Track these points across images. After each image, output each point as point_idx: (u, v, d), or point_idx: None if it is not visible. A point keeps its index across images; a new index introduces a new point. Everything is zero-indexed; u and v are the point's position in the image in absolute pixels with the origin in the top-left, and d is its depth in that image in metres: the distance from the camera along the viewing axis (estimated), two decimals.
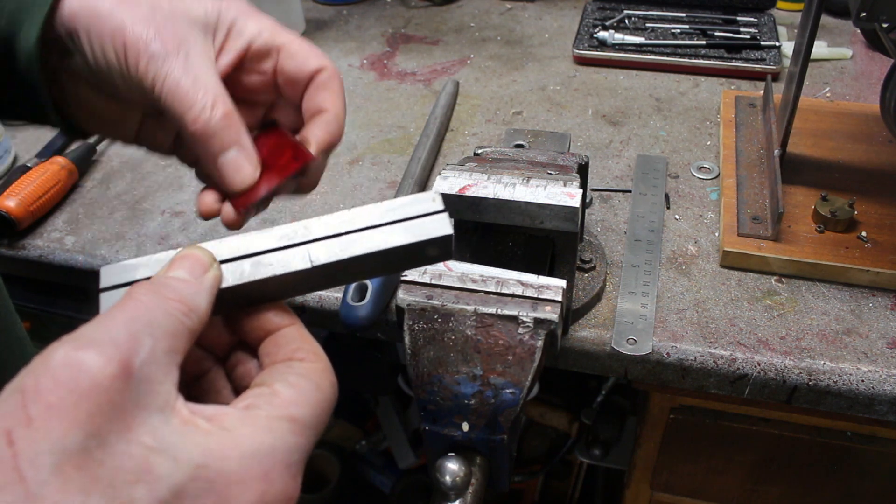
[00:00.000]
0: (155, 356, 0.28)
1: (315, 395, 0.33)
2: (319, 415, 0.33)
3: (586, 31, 1.01)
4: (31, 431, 0.25)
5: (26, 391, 0.25)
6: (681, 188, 0.77)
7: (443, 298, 0.51)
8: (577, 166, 0.60)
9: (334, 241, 0.37)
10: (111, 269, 0.36)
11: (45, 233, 0.75)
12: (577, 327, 0.63)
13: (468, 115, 0.90)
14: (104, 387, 0.26)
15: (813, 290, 0.66)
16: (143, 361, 0.28)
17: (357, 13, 1.14)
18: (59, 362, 0.26)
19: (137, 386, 0.27)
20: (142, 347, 0.28)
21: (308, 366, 0.34)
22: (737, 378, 0.61)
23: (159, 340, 0.29)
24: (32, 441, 0.24)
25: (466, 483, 0.50)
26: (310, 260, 0.36)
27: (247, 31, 0.44)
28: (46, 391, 0.25)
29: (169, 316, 0.30)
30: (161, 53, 0.40)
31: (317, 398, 0.33)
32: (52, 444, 0.25)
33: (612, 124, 0.87)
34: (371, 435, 1.39)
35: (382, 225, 0.38)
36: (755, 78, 0.93)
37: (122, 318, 0.29)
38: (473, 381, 0.50)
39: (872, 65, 0.96)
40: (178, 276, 0.33)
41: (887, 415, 0.60)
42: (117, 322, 0.28)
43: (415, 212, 0.38)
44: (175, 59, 0.40)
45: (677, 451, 0.76)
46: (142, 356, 0.28)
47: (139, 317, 0.29)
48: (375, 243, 0.37)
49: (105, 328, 0.28)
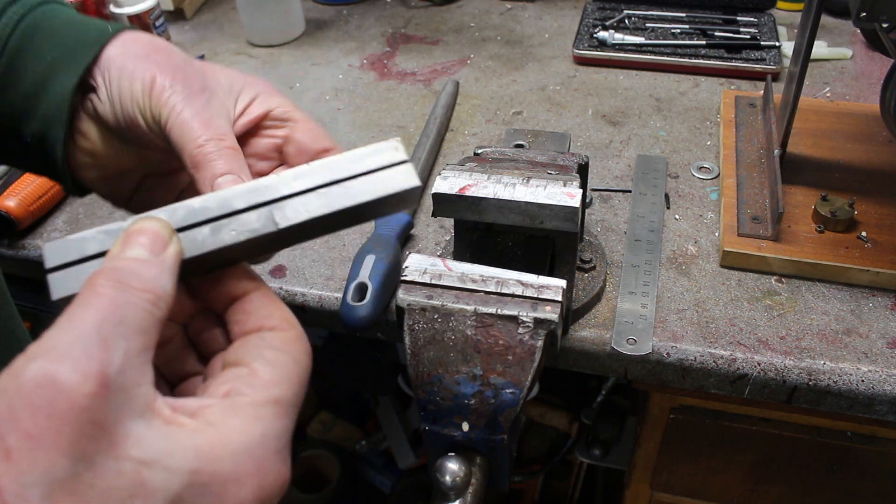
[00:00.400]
0: (129, 360, 0.27)
1: (294, 368, 0.32)
2: (299, 390, 0.32)
3: (586, 31, 1.01)
4: (12, 465, 0.23)
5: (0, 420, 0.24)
6: (681, 188, 0.77)
7: (443, 298, 0.51)
8: (577, 166, 0.60)
9: (298, 199, 0.35)
10: (56, 246, 0.33)
11: (45, 233, 0.75)
12: (577, 327, 0.63)
13: (468, 115, 0.90)
14: (83, 406, 0.25)
15: (813, 290, 0.66)
16: (118, 369, 0.26)
17: (357, 13, 1.14)
18: (32, 383, 0.24)
19: (116, 396, 0.26)
20: (116, 353, 0.26)
21: (282, 335, 0.33)
22: (737, 378, 0.61)
23: (132, 340, 0.27)
24: (17, 475, 0.23)
25: (466, 483, 0.50)
26: (274, 222, 0.34)
27: (269, 102, 0.46)
28: (24, 419, 0.24)
29: (138, 310, 0.28)
30: (184, 92, 0.42)
31: (296, 372, 0.32)
32: (37, 476, 0.23)
33: (612, 124, 0.87)
34: (371, 435, 1.39)
35: (347, 179, 0.36)
36: (755, 78, 0.93)
37: (91, 321, 0.27)
38: (473, 381, 0.50)
39: (872, 65, 0.96)
40: (137, 255, 0.30)
41: (887, 415, 0.60)
42: (86, 326, 0.26)
43: (379, 163, 0.36)
44: (195, 100, 0.42)
45: (677, 451, 0.76)
46: (116, 364, 0.26)
47: (108, 317, 0.27)
48: (342, 201, 0.35)
49: (74, 335, 0.26)
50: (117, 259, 0.30)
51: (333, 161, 0.36)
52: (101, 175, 0.48)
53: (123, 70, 0.44)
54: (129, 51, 0.45)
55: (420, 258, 0.54)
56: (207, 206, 0.34)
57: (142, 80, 0.43)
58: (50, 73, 0.45)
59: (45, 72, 0.45)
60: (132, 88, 0.43)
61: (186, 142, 0.41)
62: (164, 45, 0.46)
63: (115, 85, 0.44)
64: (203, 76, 0.44)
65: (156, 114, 0.42)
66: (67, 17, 0.47)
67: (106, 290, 0.28)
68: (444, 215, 0.56)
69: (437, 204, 0.55)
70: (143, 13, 1.00)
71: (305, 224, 0.35)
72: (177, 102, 0.42)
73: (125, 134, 0.46)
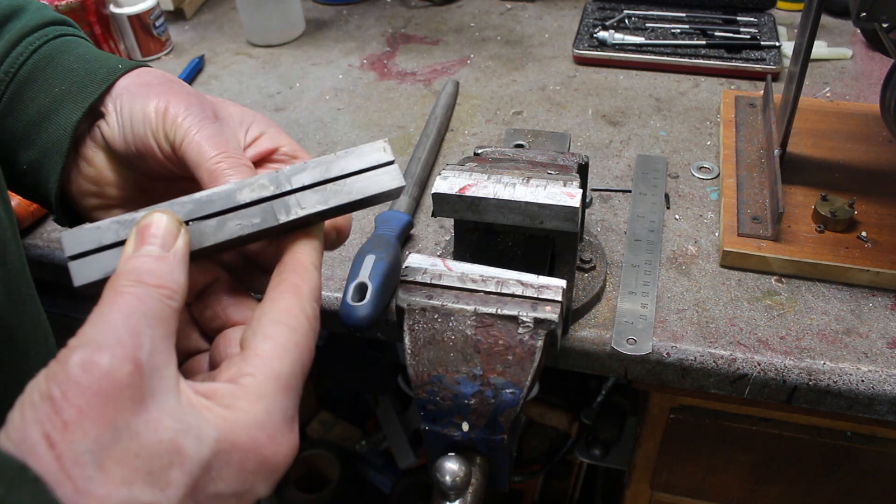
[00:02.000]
0: (156, 345, 0.30)
1: (291, 337, 0.34)
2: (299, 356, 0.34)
3: (586, 31, 1.01)
4: (68, 434, 0.27)
5: (55, 398, 0.28)
6: (681, 188, 0.77)
7: (443, 298, 0.51)
8: (577, 166, 0.60)
9: (296, 196, 0.39)
10: (74, 235, 0.36)
11: (45, 233, 0.75)
12: (577, 327, 0.63)
13: (468, 115, 0.90)
14: (124, 384, 0.28)
15: (813, 290, 0.66)
16: (148, 353, 0.30)
17: (357, 13, 1.14)
18: (78, 369, 0.28)
19: (149, 376, 0.29)
20: (144, 340, 0.30)
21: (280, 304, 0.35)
22: (737, 378, 0.61)
23: (156, 329, 0.31)
24: (71, 443, 0.27)
25: (466, 483, 0.50)
26: (275, 217, 0.38)
27: (278, 140, 0.48)
28: (74, 397, 0.27)
29: (158, 303, 0.32)
30: (198, 116, 0.44)
31: (294, 341, 0.34)
32: (89, 444, 0.27)
33: (612, 124, 0.87)
34: (371, 435, 1.39)
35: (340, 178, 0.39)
36: (755, 78, 0.93)
37: (120, 315, 0.30)
38: (473, 381, 0.50)
39: (872, 65, 0.96)
40: (151, 252, 0.33)
41: (887, 415, 0.60)
42: (117, 320, 0.30)
43: (369, 163, 0.40)
44: (208, 125, 0.44)
45: (677, 451, 0.76)
46: (146, 348, 0.30)
47: (134, 311, 0.31)
48: (337, 199, 0.39)
49: (108, 329, 0.30)
50: (134, 258, 0.33)
51: (327, 160, 0.40)
52: (103, 204, 0.49)
53: (136, 96, 0.46)
54: (143, 80, 0.47)
55: (420, 258, 0.54)
56: (213, 200, 0.38)
57: (155, 104, 0.45)
58: (55, 106, 0.47)
59: (50, 104, 0.47)
60: (145, 112, 0.45)
61: (202, 160, 0.43)
62: (175, 78, 0.48)
63: (126, 110, 0.46)
64: (214, 106, 0.46)
65: (170, 136, 0.44)
66: (82, 52, 0.49)
67: (128, 289, 0.31)
68: (444, 215, 0.56)
69: (437, 204, 0.55)
70: (143, 13, 1.00)
71: (303, 218, 0.38)
72: (191, 125, 0.44)
73: (132, 159, 0.47)
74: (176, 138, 0.44)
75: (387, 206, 0.74)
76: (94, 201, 0.49)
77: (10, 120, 0.48)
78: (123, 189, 0.49)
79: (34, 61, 0.48)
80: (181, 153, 0.44)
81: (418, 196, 0.76)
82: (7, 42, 0.48)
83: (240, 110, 0.48)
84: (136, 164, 0.47)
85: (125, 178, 0.48)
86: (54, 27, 0.50)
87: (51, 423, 0.27)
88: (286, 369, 0.33)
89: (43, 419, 0.27)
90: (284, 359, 0.34)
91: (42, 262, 0.73)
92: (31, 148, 0.47)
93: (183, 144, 0.44)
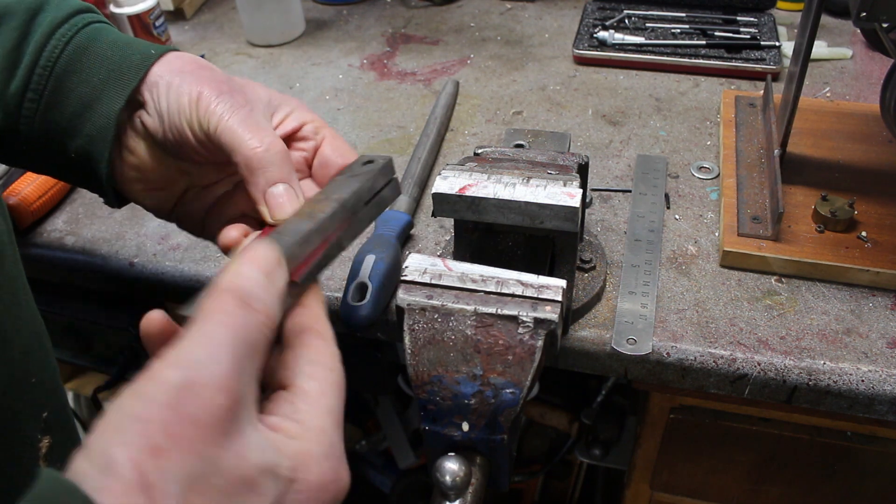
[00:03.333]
0: (251, 378, 0.30)
1: (331, 377, 0.35)
2: (340, 394, 0.35)
3: (586, 31, 1.01)
4: (158, 461, 0.26)
5: (149, 420, 0.27)
6: (681, 188, 0.77)
7: (443, 298, 0.51)
8: (577, 166, 0.60)
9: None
10: None
11: (45, 233, 0.75)
12: (577, 327, 0.63)
13: (468, 115, 0.90)
14: (218, 417, 0.28)
15: (813, 290, 0.66)
16: (245, 385, 0.30)
17: (357, 13, 1.14)
18: (175, 390, 0.27)
19: (240, 409, 0.29)
20: (244, 373, 0.30)
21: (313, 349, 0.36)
22: (737, 378, 0.61)
23: (254, 361, 0.31)
24: (161, 471, 0.26)
25: (466, 483, 0.50)
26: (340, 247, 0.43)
27: (303, 117, 0.50)
28: (169, 423, 0.27)
29: (259, 333, 0.31)
30: (229, 102, 0.45)
31: (333, 380, 0.35)
32: (176, 473, 0.26)
33: (612, 124, 0.87)
34: (371, 435, 1.39)
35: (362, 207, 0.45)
36: (755, 78, 0.93)
37: (226, 339, 0.30)
38: (473, 381, 0.50)
39: (872, 65, 0.96)
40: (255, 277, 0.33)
41: (887, 415, 0.60)
42: (222, 344, 0.29)
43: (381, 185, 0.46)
44: (240, 110, 0.45)
45: (677, 451, 0.76)
46: (245, 381, 0.30)
47: (239, 337, 0.30)
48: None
49: (211, 351, 0.29)
50: (239, 277, 0.33)
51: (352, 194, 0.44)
52: (147, 188, 0.51)
53: (171, 86, 0.47)
54: (175, 67, 0.48)
55: (420, 258, 0.54)
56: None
57: (189, 93, 0.46)
58: (96, 95, 0.48)
59: (91, 93, 0.48)
60: (179, 101, 0.46)
61: (239, 144, 0.44)
62: (205, 63, 0.49)
63: (163, 100, 0.47)
64: (244, 90, 0.48)
65: (203, 123, 0.45)
66: (112, 38, 0.50)
67: (232, 307, 0.31)
68: (444, 215, 0.56)
69: (437, 204, 0.55)
70: (143, 13, 1.00)
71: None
72: (224, 112, 0.45)
73: (171, 147, 0.49)
74: (210, 125, 0.45)
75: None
76: (139, 186, 0.51)
77: (55, 112, 0.49)
78: (164, 173, 0.51)
79: (69, 52, 0.49)
80: (216, 139, 0.45)
81: (418, 196, 0.76)
82: (41, 36, 0.49)
83: (267, 92, 0.49)
84: (175, 150, 0.49)
85: (166, 163, 0.50)
86: (81, 16, 0.51)
87: (140, 447, 0.26)
88: (335, 405, 0.34)
89: (133, 442, 0.26)
90: (331, 395, 0.34)
91: (42, 262, 0.73)
92: (77, 137, 0.49)
93: (217, 130, 0.45)
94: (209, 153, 0.47)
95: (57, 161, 0.51)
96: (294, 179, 0.45)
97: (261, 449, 0.30)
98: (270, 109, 0.49)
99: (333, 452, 0.33)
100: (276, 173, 0.44)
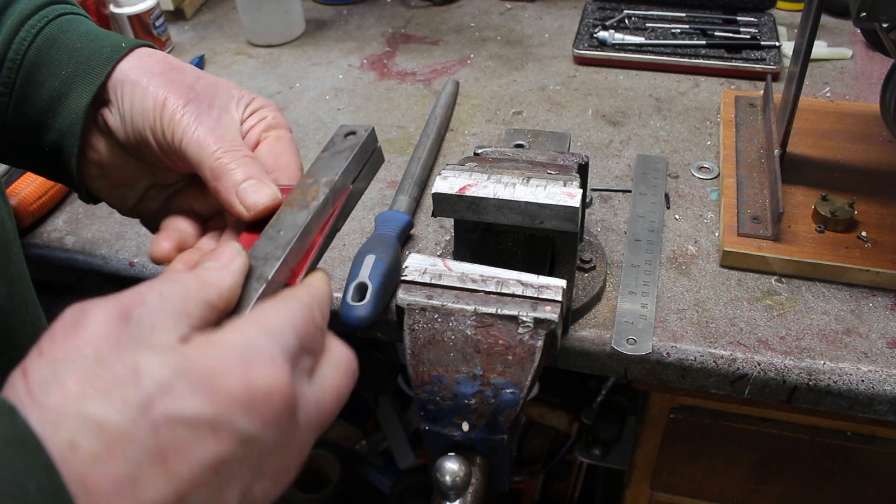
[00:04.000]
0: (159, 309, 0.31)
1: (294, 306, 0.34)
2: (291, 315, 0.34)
3: (586, 31, 1.01)
4: (39, 360, 0.29)
5: (42, 338, 0.30)
6: (681, 188, 0.77)
7: (443, 298, 0.51)
8: (577, 166, 0.60)
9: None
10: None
11: (45, 233, 0.75)
12: (577, 327, 0.63)
13: (468, 115, 0.90)
14: (103, 323, 0.29)
15: (813, 289, 0.66)
16: (142, 311, 0.31)
17: (357, 13, 1.14)
18: (68, 313, 0.30)
19: (137, 328, 0.30)
20: (145, 302, 0.31)
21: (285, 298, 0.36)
22: (737, 378, 0.61)
23: (167, 301, 0.32)
24: (39, 368, 0.28)
25: (466, 483, 0.50)
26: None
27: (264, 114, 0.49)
28: (58, 333, 0.29)
29: (182, 286, 0.33)
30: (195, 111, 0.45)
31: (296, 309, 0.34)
32: (52, 364, 0.28)
33: (612, 124, 0.87)
34: (371, 435, 1.39)
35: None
36: (755, 78, 0.93)
37: (136, 288, 0.32)
38: (473, 381, 0.50)
39: (872, 65, 0.96)
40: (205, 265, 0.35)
41: (887, 415, 0.60)
42: (130, 290, 0.32)
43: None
44: (206, 118, 0.45)
45: (677, 451, 0.76)
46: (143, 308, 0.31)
47: (151, 286, 0.32)
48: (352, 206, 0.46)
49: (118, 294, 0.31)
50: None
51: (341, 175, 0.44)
52: (108, 185, 0.50)
53: (136, 87, 0.46)
54: (144, 66, 0.47)
55: (420, 258, 0.54)
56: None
57: (154, 97, 0.45)
58: (65, 88, 0.47)
59: (60, 86, 0.47)
60: (143, 105, 0.45)
61: (204, 157, 0.44)
62: (176, 63, 0.48)
63: (126, 101, 0.46)
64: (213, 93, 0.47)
65: (167, 133, 0.45)
66: (84, 30, 0.49)
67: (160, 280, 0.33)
68: (444, 215, 0.56)
69: (437, 204, 0.55)
70: (142, 13, 1.00)
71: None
72: (189, 122, 0.44)
73: (133, 149, 0.48)
74: (174, 137, 0.44)
75: (387, 207, 0.74)
76: (101, 183, 0.50)
77: (27, 106, 0.48)
78: (127, 172, 0.50)
79: (38, 44, 0.48)
80: (181, 151, 0.44)
81: (418, 196, 0.76)
82: (9, 28, 0.47)
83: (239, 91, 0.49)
84: (136, 153, 0.48)
85: (128, 162, 0.49)
86: (53, 7, 0.49)
87: (29, 358, 0.29)
88: (273, 319, 0.33)
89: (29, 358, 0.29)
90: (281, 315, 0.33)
91: (42, 262, 0.73)
92: (49, 131, 0.48)
93: (183, 144, 0.44)
94: (172, 162, 0.46)
95: (31, 155, 0.50)
96: (263, 176, 0.44)
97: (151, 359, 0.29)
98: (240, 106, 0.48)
99: (247, 346, 0.31)
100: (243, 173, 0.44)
